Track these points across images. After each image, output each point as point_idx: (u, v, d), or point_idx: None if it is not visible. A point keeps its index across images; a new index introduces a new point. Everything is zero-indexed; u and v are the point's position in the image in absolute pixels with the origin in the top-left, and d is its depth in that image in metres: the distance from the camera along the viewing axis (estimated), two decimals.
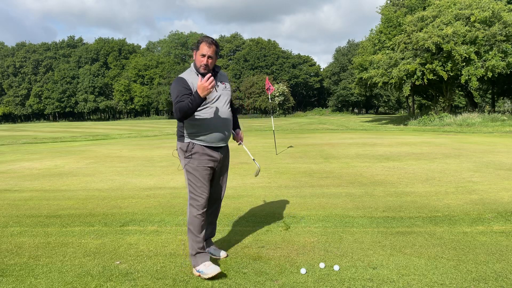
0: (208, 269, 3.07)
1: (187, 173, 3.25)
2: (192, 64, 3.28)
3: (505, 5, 27.25)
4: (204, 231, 3.26)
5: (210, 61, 3.15)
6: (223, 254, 3.53)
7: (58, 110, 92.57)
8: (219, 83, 3.30)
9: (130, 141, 19.49)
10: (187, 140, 3.24)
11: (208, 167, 3.25)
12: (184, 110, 2.99)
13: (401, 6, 36.32)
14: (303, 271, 3.17)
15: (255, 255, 3.57)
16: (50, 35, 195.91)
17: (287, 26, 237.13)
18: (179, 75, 3.23)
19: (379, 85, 31.95)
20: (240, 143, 3.70)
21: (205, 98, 2.99)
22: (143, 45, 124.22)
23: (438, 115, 29.04)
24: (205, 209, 3.22)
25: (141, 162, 10.29)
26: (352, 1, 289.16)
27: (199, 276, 3.10)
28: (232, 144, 4.07)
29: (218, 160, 3.32)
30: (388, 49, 32.93)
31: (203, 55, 3.14)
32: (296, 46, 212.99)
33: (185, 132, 3.24)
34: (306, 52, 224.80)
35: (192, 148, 3.22)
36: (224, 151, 3.41)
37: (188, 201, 3.24)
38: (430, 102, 42.94)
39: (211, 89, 2.97)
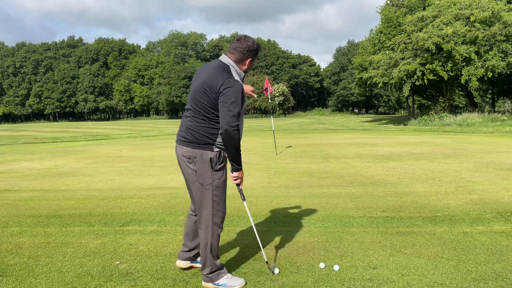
0: (232, 281, 2.97)
1: (215, 189, 2.87)
2: (234, 65, 2.92)
3: (505, 5, 27.25)
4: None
5: None
6: None
7: (58, 110, 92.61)
8: None
9: (130, 141, 19.49)
10: (216, 149, 2.86)
11: None
12: (235, 145, 2.78)
13: (401, 6, 36.33)
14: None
15: (255, 255, 3.57)
16: (49, 35, 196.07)
17: (287, 26, 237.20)
18: (237, 80, 2.82)
19: (379, 85, 31.96)
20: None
21: (238, 169, 2.91)
22: (143, 45, 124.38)
23: (438, 115, 29.05)
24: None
25: (141, 162, 10.29)
26: (353, 0, 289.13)
27: None
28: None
29: None
30: (388, 49, 32.94)
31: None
32: (296, 46, 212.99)
33: (217, 140, 2.85)
34: (306, 52, 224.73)
35: (223, 159, 2.90)
36: None
37: (211, 221, 2.91)
38: (430, 102, 42.96)
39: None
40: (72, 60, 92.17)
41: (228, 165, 2.97)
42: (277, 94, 69.72)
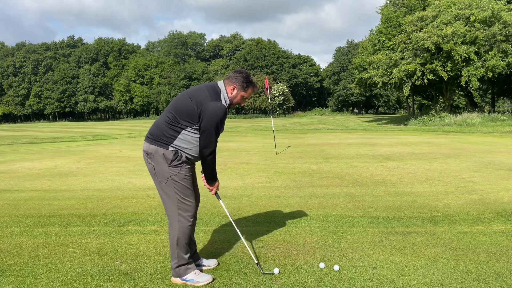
0: (199, 277, 3.03)
1: (174, 183, 2.99)
2: (224, 91, 3.07)
3: (505, 5, 27.25)
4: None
5: None
6: (214, 262, 3.39)
7: (58, 110, 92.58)
8: None
9: (130, 141, 19.49)
10: (172, 148, 2.99)
11: (191, 174, 3.14)
12: (210, 166, 3.08)
13: (401, 6, 36.33)
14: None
15: (255, 255, 3.57)
16: (49, 35, 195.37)
17: (288, 26, 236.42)
18: (222, 103, 2.98)
19: (379, 85, 31.96)
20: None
21: (211, 183, 3.19)
22: (143, 45, 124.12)
23: (438, 115, 29.04)
24: (194, 217, 3.11)
25: (141, 162, 10.28)
26: (353, 0, 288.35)
27: (185, 284, 3.02)
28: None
29: (194, 168, 3.25)
30: (388, 49, 32.93)
31: (245, 98, 3.17)
32: (297, 46, 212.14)
33: (174, 143, 2.99)
34: (307, 51, 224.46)
35: (181, 157, 3.01)
36: None
37: (176, 213, 3.02)
38: (430, 102, 42.94)
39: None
40: (72, 60, 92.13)
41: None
42: (277, 94, 69.69)
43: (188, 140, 3.00)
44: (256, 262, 3.27)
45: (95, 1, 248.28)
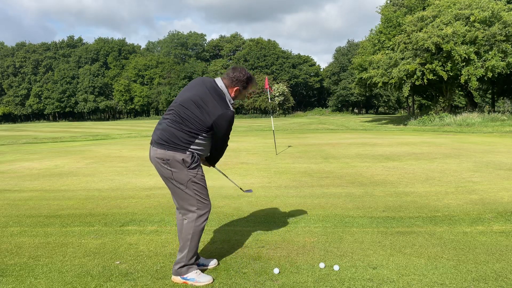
0: (200, 277, 3.05)
1: (194, 185, 3.05)
2: (227, 94, 3.12)
3: (505, 5, 27.25)
4: None
5: None
6: (214, 262, 3.39)
7: (58, 110, 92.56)
8: None
9: (130, 141, 19.48)
10: (189, 152, 3.04)
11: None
12: (219, 159, 3.41)
13: (401, 6, 36.33)
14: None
15: (255, 255, 3.57)
16: (49, 35, 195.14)
17: (288, 26, 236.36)
18: (231, 110, 3.07)
19: (379, 85, 31.95)
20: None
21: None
22: (143, 45, 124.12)
23: (438, 115, 29.04)
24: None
25: (141, 162, 10.28)
26: (353, 0, 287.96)
27: (185, 283, 3.03)
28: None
29: None
30: (388, 49, 32.93)
31: (245, 94, 3.27)
32: (297, 46, 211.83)
33: (190, 147, 3.04)
34: (307, 51, 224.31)
35: (197, 159, 3.10)
36: None
37: (196, 214, 3.07)
38: (430, 102, 42.96)
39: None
40: (72, 60, 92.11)
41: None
42: (277, 94, 69.69)
43: (202, 145, 3.10)
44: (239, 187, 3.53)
45: (95, 1, 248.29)
